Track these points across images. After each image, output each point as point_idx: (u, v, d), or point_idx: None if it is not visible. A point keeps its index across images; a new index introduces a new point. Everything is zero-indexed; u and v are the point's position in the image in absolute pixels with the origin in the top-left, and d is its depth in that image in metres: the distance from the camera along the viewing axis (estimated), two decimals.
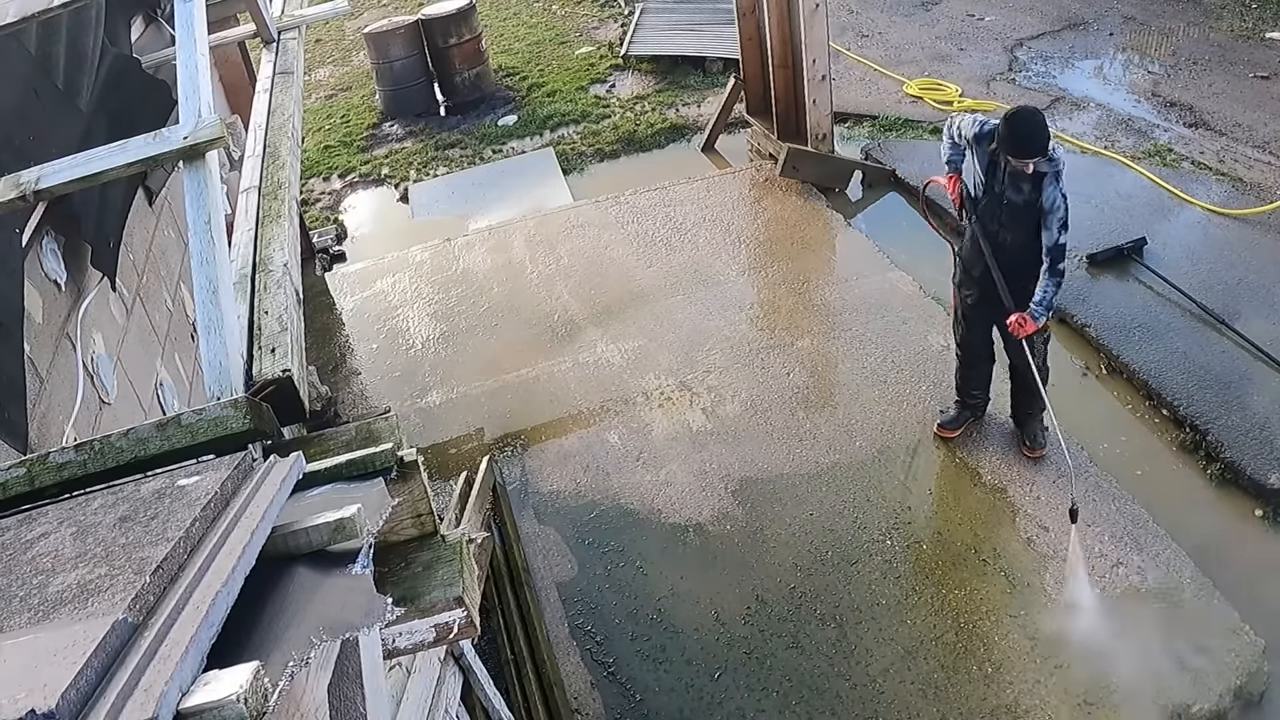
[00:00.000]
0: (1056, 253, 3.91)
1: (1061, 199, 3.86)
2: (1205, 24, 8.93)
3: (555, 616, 4.22)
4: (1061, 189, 3.87)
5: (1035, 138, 3.77)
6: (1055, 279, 3.96)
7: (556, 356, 5.89)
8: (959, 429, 4.77)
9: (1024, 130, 3.77)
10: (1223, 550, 4.03)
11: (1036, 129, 3.77)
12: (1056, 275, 3.96)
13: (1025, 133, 3.77)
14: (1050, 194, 3.86)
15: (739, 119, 8.21)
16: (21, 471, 1.66)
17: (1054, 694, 3.56)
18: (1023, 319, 4.01)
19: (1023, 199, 3.95)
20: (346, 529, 1.36)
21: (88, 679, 0.91)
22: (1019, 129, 3.78)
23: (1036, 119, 3.79)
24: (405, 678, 2.41)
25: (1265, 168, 6.54)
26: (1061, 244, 3.90)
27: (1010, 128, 3.79)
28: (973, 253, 4.26)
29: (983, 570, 4.08)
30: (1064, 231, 3.89)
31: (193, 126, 2.23)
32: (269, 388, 2.01)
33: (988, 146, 3.97)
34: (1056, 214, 3.87)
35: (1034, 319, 4.00)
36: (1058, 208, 3.87)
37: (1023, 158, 3.80)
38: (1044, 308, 3.99)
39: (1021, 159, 3.80)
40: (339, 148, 9.65)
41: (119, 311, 3.72)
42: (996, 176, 4.01)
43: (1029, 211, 3.95)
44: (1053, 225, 3.89)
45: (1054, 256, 3.92)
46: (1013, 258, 4.09)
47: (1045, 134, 3.77)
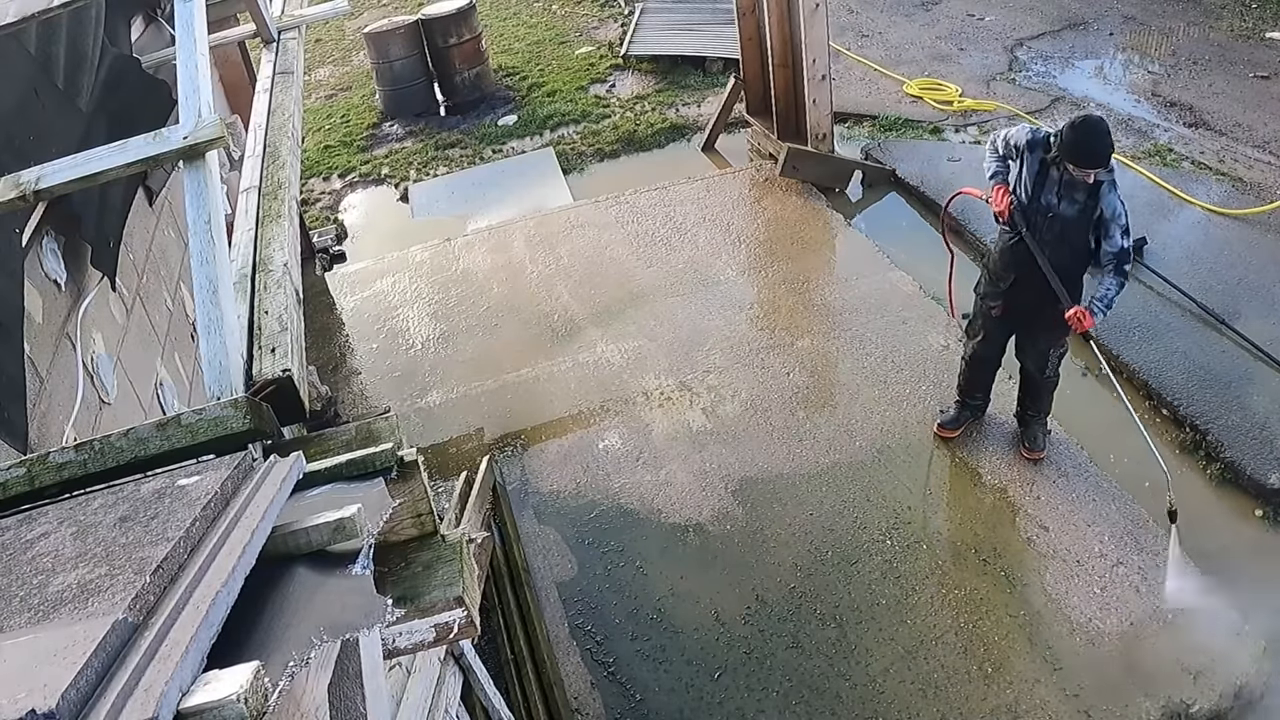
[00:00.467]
0: (1123, 256, 3.86)
1: (1121, 205, 3.82)
2: (1205, 24, 8.93)
3: (555, 616, 4.22)
4: (1120, 197, 3.82)
5: (1102, 147, 3.68)
6: (1120, 279, 3.90)
7: (556, 356, 5.89)
8: (959, 429, 4.78)
9: (1091, 140, 3.67)
10: (1223, 550, 4.03)
11: (1103, 138, 3.68)
12: (1122, 276, 3.90)
13: (1092, 142, 3.68)
14: (1110, 201, 3.80)
15: (739, 119, 8.21)
16: (21, 471, 1.66)
17: (1053, 694, 3.56)
18: (1082, 313, 3.90)
19: (1076, 210, 3.87)
20: (346, 529, 1.36)
21: (88, 679, 0.91)
22: (1086, 138, 3.67)
23: (1102, 128, 3.70)
24: (405, 678, 2.41)
25: (1265, 168, 6.54)
26: (1126, 248, 3.86)
27: (1076, 136, 3.68)
28: (1003, 264, 4.18)
29: (983, 570, 4.08)
30: (1127, 237, 3.85)
31: (193, 126, 2.23)
32: (269, 387, 2.00)
33: (1041, 154, 3.87)
34: (1118, 221, 3.82)
35: (1093, 314, 3.91)
36: (1119, 215, 3.81)
37: (1087, 168, 3.71)
38: (1105, 305, 3.91)
39: (1085, 169, 3.71)
40: (339, 147, 9.65)
41: (119, 311, 3.72)
42: (1045, 187, 3.91)
43: (1080, 222, 3.88)
44: (1115, 232, 3.82)
45: (1120, 259, 3.86)
46: (1054, 269, 3.98)
47: (1111, 144, 3.70)
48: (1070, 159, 3.73)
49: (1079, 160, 3.71)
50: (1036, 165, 3.90)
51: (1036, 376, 4.40)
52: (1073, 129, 3.71)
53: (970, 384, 4.69)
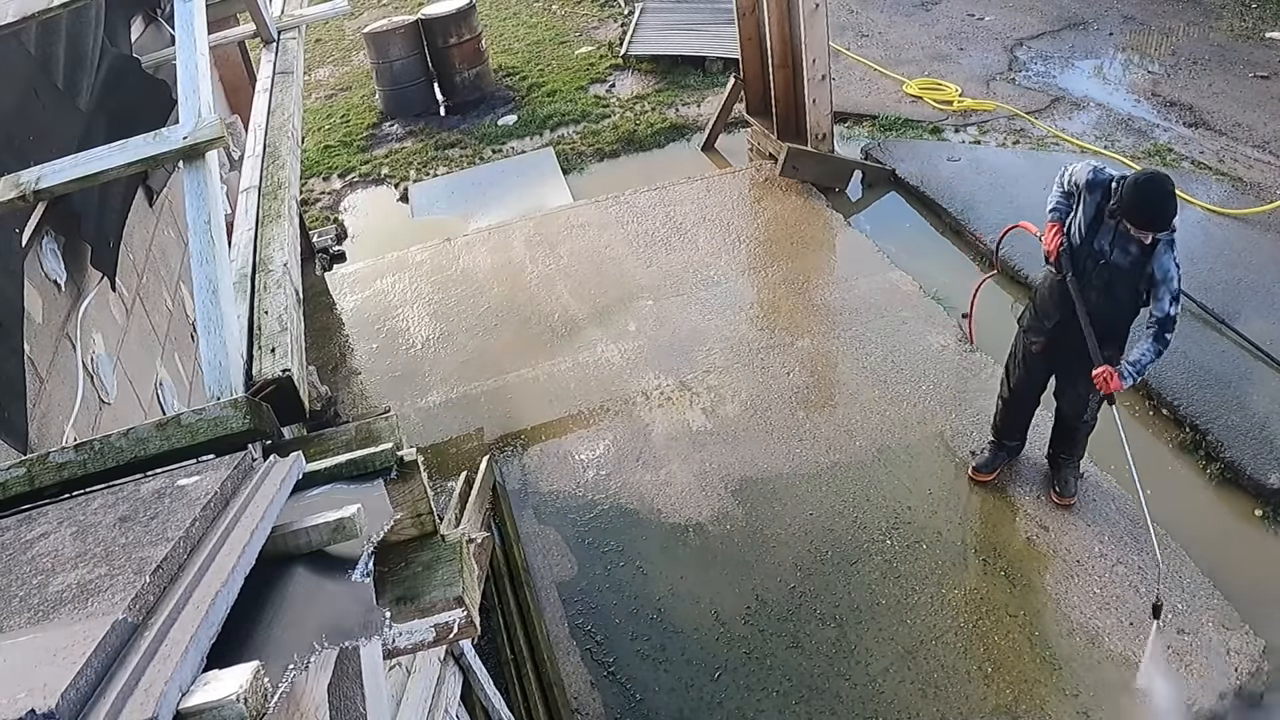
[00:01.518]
0: (1167, 324, 3.63)
1: (1175, 269, 3.59)
2: (1205, 24, 8.93)
3: (555, 616, 4.22)
4: (1175, 257, 3.59)
5: (1164, 211, 3.46)
6: (1159, 347, 3.67)
7: (556, 356, 5.89)
8: (994, 472, 4.51)
9: (1154, 203, 3.46)
10: (1223, 550, 4.03)
11: (1167, 201, 3.45)
12: (1161, 344, 3.66)
13: (1155, 205, 3.46)
14: (1164, 264, 3.58)
15: (739, 119, 8.21)
16: (21, 471, 1.66)
17: (1053, 694, 3.56)
18: (1110, 374, 3.70)
19: (1129, 260, 3.65)
20: (346, 529, 1.36)
21: (88, 679, 0.91)
22: (1148, 200, 3.46)
23: (1167, 190, 3.46)
24: (405, 677, 2.41)
25: (1265, 167, 6.54)
26: (1173, 315, 3.62)
27: (1139, 196, 3.47)
28: (1050, 302, 3.97)
29: (982, 570, 4.08)
30: (1175, 304, 3.61)
31: (192, 126, 2.23)
32: (269, 387, 2.00)
33: (1100, 199, 3.67)
34: (1169, 285, 3.59)
35: (1122, 377, 3.70)
36: (1171, 279, 3.59)
37: (1146, 230, 3.51)
38: (1137, 370, 3.71)
39: (1141, 230, 3.52)
40: (339, 147, 9.65)
41: (119, 311, 3.72)
42: (1100, 232, 3.71)
43: (1131, 274, 3.67)
44: (1164, 296, 3.60)
45: (1163, 326, 3.63)
46: (1098, 317, 3.79)
47: (1175, 207, 3.47)
48: (1129, 218, 3.53)
49: (1137, 221, 3.51)
50: (1094, 209, 3.70)
51: (1073, 421, 4.20)
52: (1135, 188, 3.49)
53: (1007, 423, 4.45)
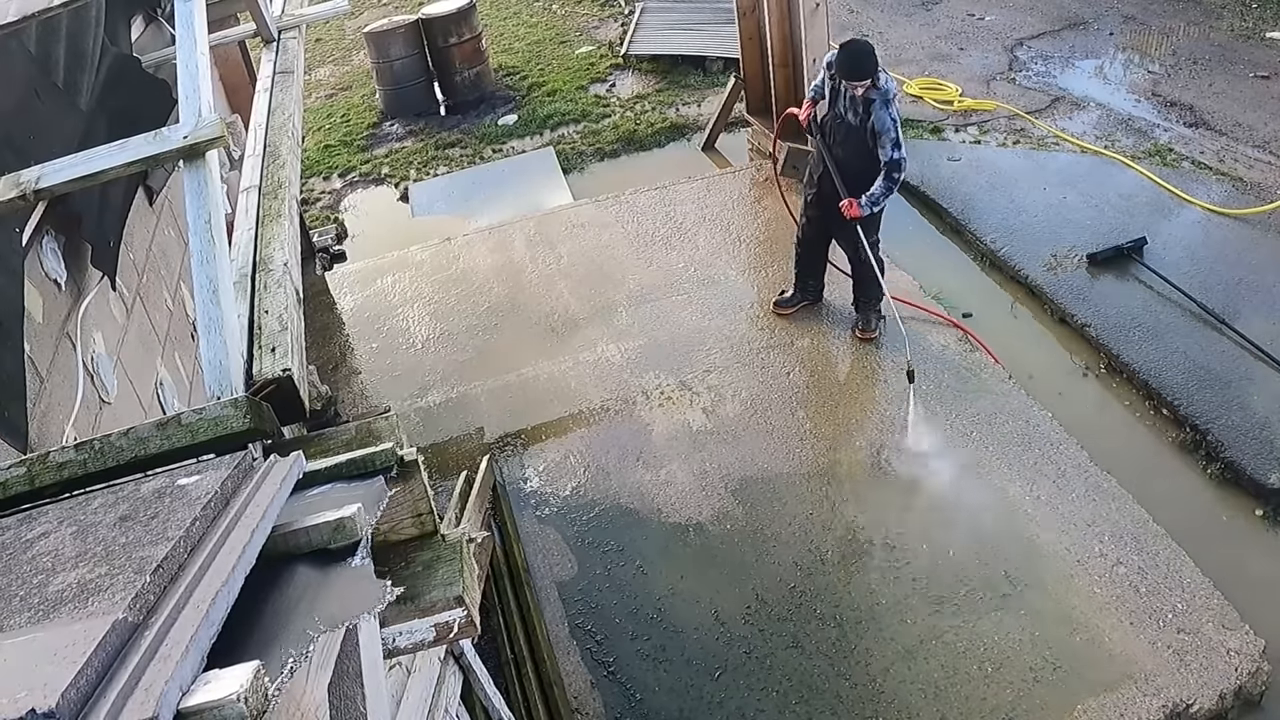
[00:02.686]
0: (891, 165, 4.64)
1: (891, 122, 4.56)
2: (1205, 24, 8.93)
3: (555, 616, 4.22)
4: (891, 114, 4.56)
5: (859, 63, 4.48)
6: (888, 184, 4.71)
7: (556, 356, 5.89)
8: (793, 308, 5.68)
9: (849, 57, 4.51)
10: (1223, 550, 4.03)
11: (860, 56, 4.48)
12: (890, 181, 4.70)
13: (850, 59, 4.50)
14: (880, 117, 4.56)
15: (739, 118, 8.21)
16: (21, 471, 1.66)
17: (1053, 694, 3.56)
18: (851, 202, 4.79)
19: (857, 119, 4.67)
20: (346, 528, 1.36)
21: (88, 678, 0.91)
22: (847, 57, 4.51)
23: (861, 48, 4.52)
24: (405, 677, 2.41)
25: (1265, 167, 6.54)
26: (896, 159, 4.62)
27: (841, 55, 4.54)
28: (816, 161, 5.08)
29: (982, 570, 4.08)
30: (897, 149, 4.60)
31: (193, 126, 2.23)
32: (269, 387, 2.00)
33: (831, 72, 4.71)
34: (888, 134, 4.58)
35: (860, 206, 4.78)
36: (888, 129, 4.57)
37: (852, 81, 4.51)
38: (870, 201, 4.76)
39: (852, 83, 4.52)
40: (339, 147, 9.65)
41: (119, 311, 3.72)
42: (839, 99, 4.75)
43: (860, 130, 4.67)
44: (886, 144, 4.60)
45: (889, 168, 4.65)
46: (848, 170, 4.83)
47: (866, 60, 4.47)
48: (839, 74, 4.59)
49: (844, 74, 4.55)
50: (832, 80, 4.76)
51: (852, 258, 5.24)
52: (841, 49, 4.57)
53: (801, 265, 5.58)
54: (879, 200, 4.78)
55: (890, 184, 4.72)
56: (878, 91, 4.54)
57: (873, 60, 4.49)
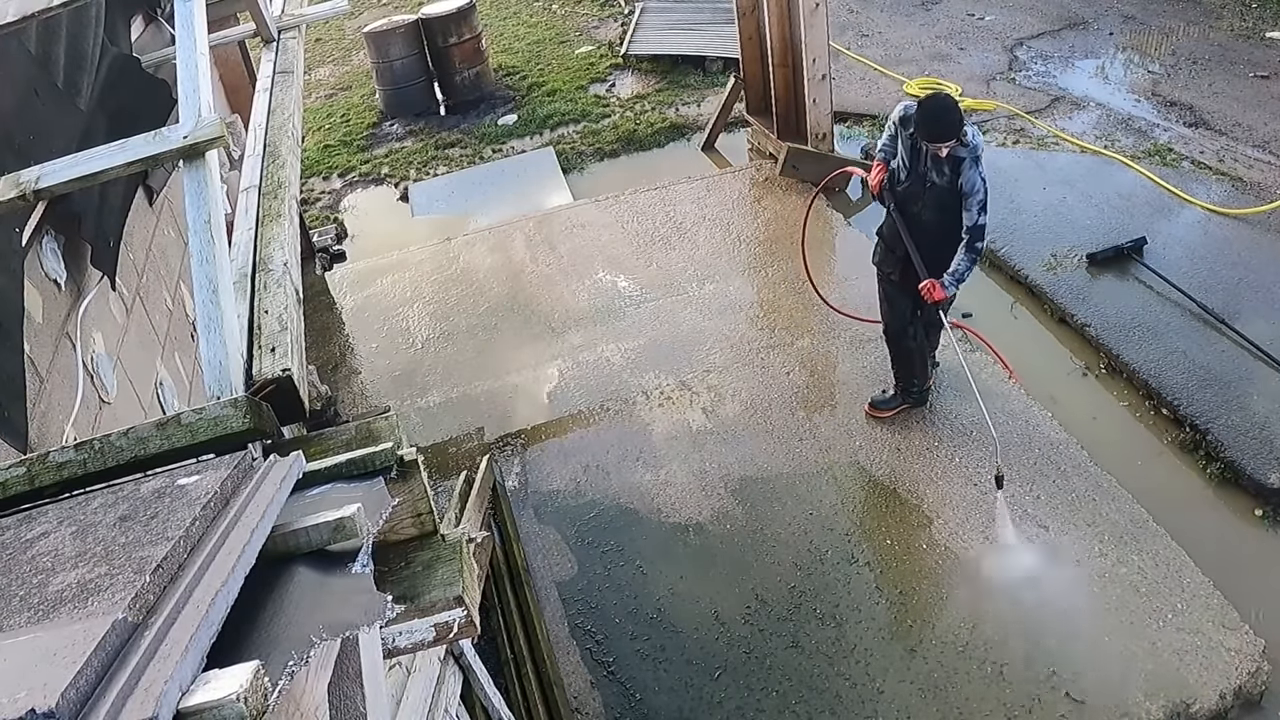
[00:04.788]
0: (975, 232, 4.12)
1: (980, 182, 4.05)
2: (1205, 24, 8.93)
3: (555, 616, 4.22)
4: (980, 173, 4.04)
5: (943, 123, 3.95)
6: (971, 255, 4.17)
7: (556, 356, 5.89)
8: (891, 412, 4.94)
9: (932, 117, 3.97)
10: (1223, 550, 4.03)
11: (944, 114, 3.96)
12: (973, 253, 4.16)
13: (933, 119, 3.97)
14: (970, 178, 4.05)
15: (739, 118, 8.21)
16: (21, 471, 1.66)
17: (1053, 694, 3.56)
18: (933, 284, 4.21)
19: (945, 180, 4.12)
20: (346, 528, 1.36)
21: (88, 678, 0.91)
22: (928, 116, 3.98)
23: (944, 105, 4.00)
24: (405, 677, 2.40)
25: (1265, 167, 6.54)
26: (980, 224, 4.11)
27: (921, 114, 4.00)
28: (893, 235, 4.42)
29: (982, 570, 4.08)
30: (983, 213, 4.09)
31: (192, 126, 2.23)
32: (269, 387, 2.00)
33: (911, 130, 4.13)
34: (976, 196, 4.06)
35: (944, 287, 4.22)
36: (976, 191, 4.05)
37: (934, 142, 3.98)
38: (954, 279, 4.21)
39: (935, 144, 3.99)
40: (339, 147, 9.65)
41: (119, 311, 3.71)
42: (921, 159, 4.17)
43: (950, 192, 4.12)
44: (972, 207, 4.08)
45: (972, 235, 4.12)
46: (932, 236, 4.26)
47: (952, 120, 3.94)
48: (921, 136, 4.03)
49: (926, 136, 4.00)
50: (910, 140, 4.18)
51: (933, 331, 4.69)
52: (919, 108, 4.03)
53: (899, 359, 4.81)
54: (964, 276, 4.22)
55: (974, 255, 4.17)
56: (966, 149, 4.02)
57: (957, 117, 3.96)
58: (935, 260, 4.25)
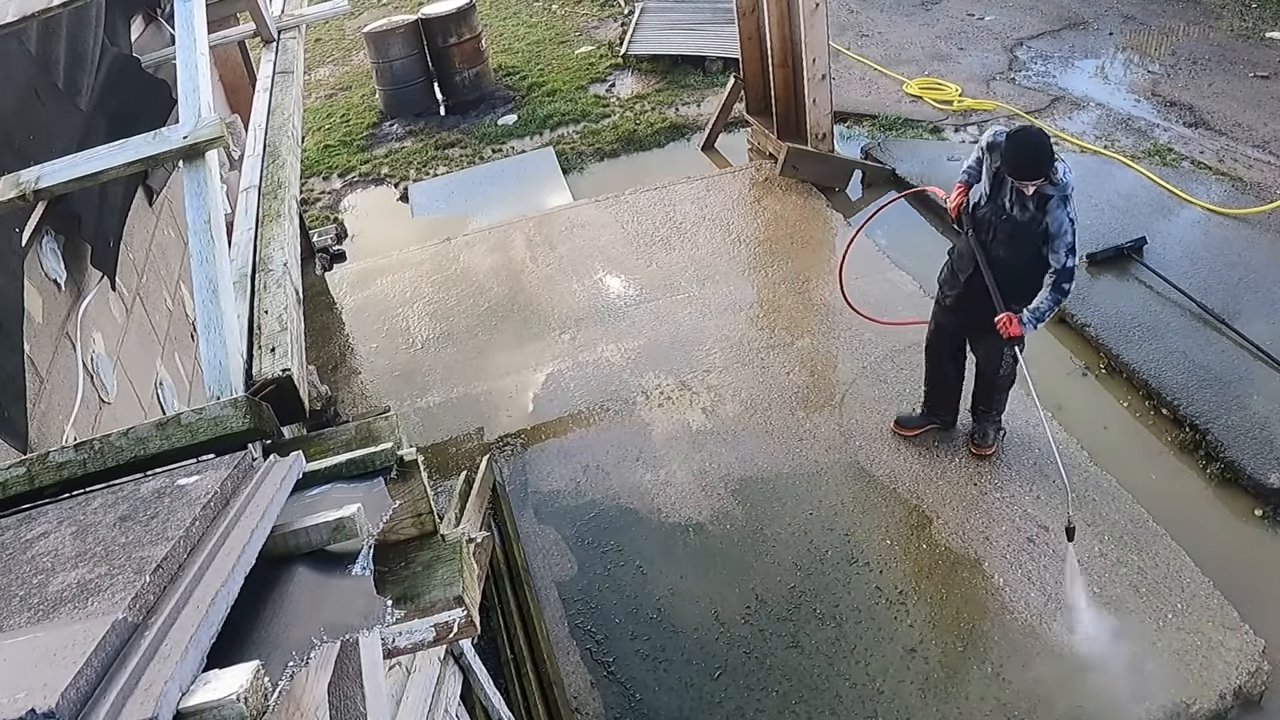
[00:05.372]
0: (1064, 275, 3.84)
1: (1069, 223, 3.75)
2: (1205, 24, 8.93)
3: (555, 616, 4.22)
4: (1070, 213, 3.75)
5: (1032, 160, 3.66)
6: (1057, 296, 3.90)
7: (556, 356, 5.89)
8: (916, 431, 4.79)
9: (1021, 152, 3.68)
10: (1223, 550, 4.03)
11: (1034, 151, 3.66)
12: (1060, 294, 3.89)
13: (1022, 154, 3.68)
14: (1057, 218, 3.75)
15: (739, 118, 8.21)
16: (21, 471, 1.66)
17: (1053, 694, 3.56)
18: (1011, 319, 3.95)
19: (1027, 216, 3.83)
20: (346, 528, 1.36)
21: (87, 678, 0.91)
22: (1018, 151, 3.69)
23: (1035, 140, 3.69)
24: (405, 677, 2.41)
25: (1265, 167, 6.54)
26: (1070, 267, 3.82)
27: (1011, 147, 3.70)
28: (964, 259, 4.17)
29: (982, 569, 4.08)
30: (1071, 256, 3.80)
31: (192, 126, 2.23)
32: (269, 387, 2.00)
33: (997, 158, 3.85)
34: (1064, 238, 3.77)
35: (1022, 323, 3.95)
36: (1064, 233, 3.76)
37: (1020, 179, 3.71)
38: (1035, 317, 3.94)
39: (1022, 181, 3.71)
40: (339, 147, 9.65)
41: (119, 311, 3.71)
42: (1003, 189, 3.89)
43: (1030, 228, 3.84)
44: (1059, 249, 3.79)
45: (1060, 277, 3.85)
46: (1006, 271, 3.99)
47: (1043, 157, 3.65)
48: (1008, 171, 3.74)
49: (1013, 173, 3.71)
50: (994, 168, 3.90)
51: (988, 374, 4.39)
52: (1009, 140, 3.73)
53: (933, 380, 4.67)
54: (1045, 316, 3.95)
55: (1060, 296, 3.88)
56: (1055, 187, 3.73)
57: (1047, 154, 3.65)
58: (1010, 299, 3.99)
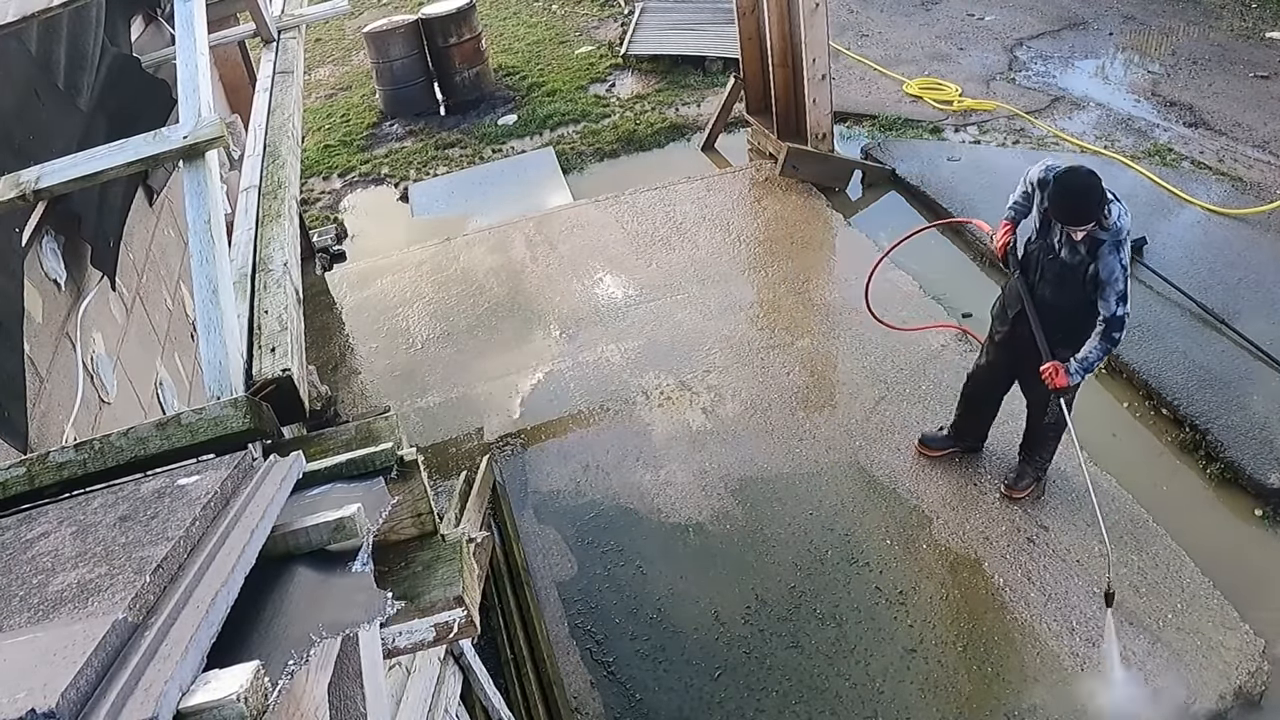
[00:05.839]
0: (1114, 324, 3.61)
1: (1120, 270, 3.50)
2: (1205, 24, 8.93)
3: (555, 616, 4.22)
4: (1122, 259, 3.50)
5: (1081, 207, 3.41)
6: (1107, 345, 3.67)
7: (556, 356, 5.89)
8: (940, 452, 4.64)
9: (1069, 197, 3.43)
10: (1223, 550, 4.03)
11: (1084, 196, 3.40)
12: (1109, 342, 3.66)
13: (1070, 200, 3.43)
14: (1109, 264, 3.50)
15: (739, 118, 8.21)
16: (21, 471, 1.66)
17: (1053, 694, 3.56)
18: (1056, 369, 3.72)
19: (1076, 259, 3.60)
20: (346, 528, 1.36)
21: (88, 678, 0.91)
22: (1064, 195, 3.44)
23: (1085, 184, 3.40)
24: (405, 677, 2.40)
25: (1265, 167, 6.54)
26: (1119, 316, 3.58)
27: (1057, 190, 3.46)
28: (1012, 294, 3.98)
29: (982, 569, 4.08)
30: (1122, 304, 3.56)
31: (192, 126, 2.23)
32: (269, 387, 2.00)
33: (1044, 198, 3.63)
34: (1114, 286, 3.52)
35: (1068, 374, 3.72)
36: (1115, 280, 3.51)
37: (1068, 224, 3.48)
38: (1084, 368, 3.73)
39: (1069, 226, 3.48)
40: (339, 147, 9.65)
41: (119, 311, 3.71)
42: (1052, 230, 3.67)
43: (1078, 272, 3.61)
44: (1109, 297, 3.55)
45: (1110, 326, 3.62)
46: (1054, 314, 3.78)
47: (1092, 202, 3.40)
48: (1053, 214, 3.54)
49: (1059, 217, 3.51)
50: (1044, 207, 3.69)
51: (1036, 418, 4.21)
52: (1055, 182, 3.48)
53: (963, 422, 4.53)
54: (1093, 366, 3.72)
55: (1109, 345, 3.64)
56: (1108, 232, 3.45)
57: (1097, 198, 3.37)
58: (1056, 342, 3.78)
